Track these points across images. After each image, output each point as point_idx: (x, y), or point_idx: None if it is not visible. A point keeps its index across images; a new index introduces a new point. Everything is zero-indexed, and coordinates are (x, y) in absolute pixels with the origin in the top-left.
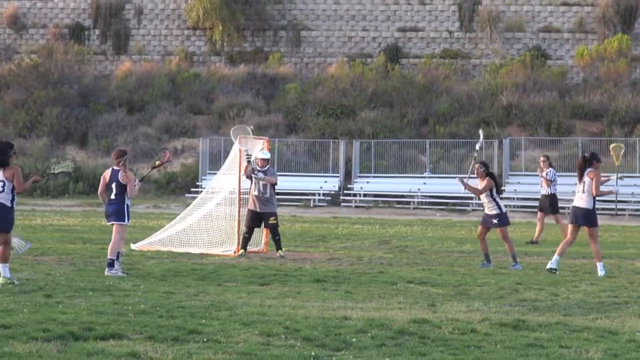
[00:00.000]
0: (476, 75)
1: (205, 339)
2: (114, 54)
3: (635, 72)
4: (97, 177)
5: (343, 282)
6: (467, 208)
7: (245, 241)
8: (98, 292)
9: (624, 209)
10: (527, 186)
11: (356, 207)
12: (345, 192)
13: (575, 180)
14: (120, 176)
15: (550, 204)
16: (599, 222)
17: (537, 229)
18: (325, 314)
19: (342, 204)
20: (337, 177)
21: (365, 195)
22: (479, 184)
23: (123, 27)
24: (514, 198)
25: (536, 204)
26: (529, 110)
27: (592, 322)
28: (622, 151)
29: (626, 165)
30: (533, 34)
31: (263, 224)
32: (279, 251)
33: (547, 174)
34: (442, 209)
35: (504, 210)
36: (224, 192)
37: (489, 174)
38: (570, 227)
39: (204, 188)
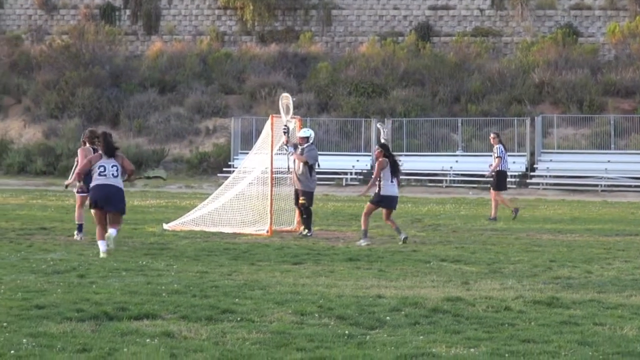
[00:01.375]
0: (508, 53)
1: (238, 318)
2: (145, 34)
3: None
4: (130, 157)
5: (376, 260)
6: None
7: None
8: (131, 272)
9: None
10: (559, 164)
11: None
12: None
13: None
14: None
15: (496, 181)
16: (628, 198)
17: (493, 205)
18: (359, 292)
19: None
20: (369, 156)
21: None
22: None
23: (154, 7)
24: (546, 176)
25: (569, 181)
26: (560, 87)
27: (627, 299)
28: None
29: None
30: (564, 11)
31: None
32: (305, 230)
33: (496, 150)
34: (475, 187)
35: (385, 193)
36: (256, 172)
37: (386, 155)
38: None
39: (236, 167)
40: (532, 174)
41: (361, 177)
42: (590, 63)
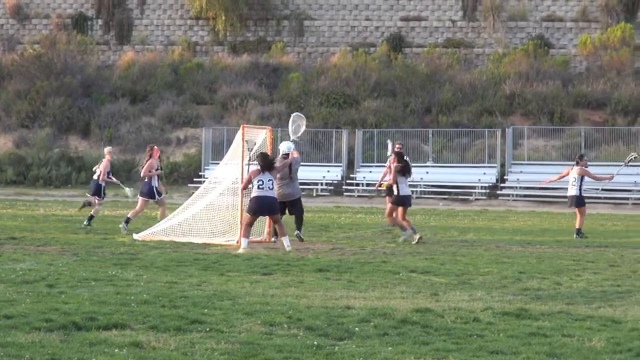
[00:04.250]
0: (479, 65)
1: (207, 329)
2: (117, 44)
3: (639, 61)
4: None
5: (346, 271)
6: (470, 197)
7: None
8: (101, 282)
9: (626, 198)
10: (529, 175)
11: (359, 196)
12: (347, 181)
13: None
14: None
15: None
16: (598, 210)
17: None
18: (328, 303)
19: (345, 193)
20: (340, 166)
21: (367, 184)
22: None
23: (126, 17)
24: (516, 187)
25: (539, 193)
26: (532, 99)
27: (595, 311)
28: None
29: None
30: (536, 23)
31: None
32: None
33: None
34: (445, 198)
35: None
36: (226, 182)
37: (400, 161)
38: None
39: (207, 178)
40: (502, 185)
41: (332, 187)
42: (561, 75)
